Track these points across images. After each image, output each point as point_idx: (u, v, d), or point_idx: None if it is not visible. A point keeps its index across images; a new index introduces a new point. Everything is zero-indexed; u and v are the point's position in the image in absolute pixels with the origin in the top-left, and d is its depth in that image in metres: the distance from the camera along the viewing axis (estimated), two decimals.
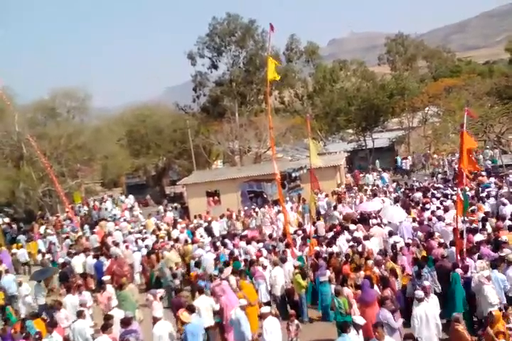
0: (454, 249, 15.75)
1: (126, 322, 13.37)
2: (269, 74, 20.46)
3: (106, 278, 18.11)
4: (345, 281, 15.30)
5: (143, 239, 25.34)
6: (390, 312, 12.30)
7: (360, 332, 11.96)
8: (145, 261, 22.12)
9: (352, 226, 21.22)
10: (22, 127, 38.00)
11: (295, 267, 16.83)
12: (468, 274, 14.12)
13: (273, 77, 20.50)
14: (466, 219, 16.87)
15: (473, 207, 21.58)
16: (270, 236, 22.56)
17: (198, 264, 19.30)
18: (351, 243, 18.80)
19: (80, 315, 14.64)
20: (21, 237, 30.87)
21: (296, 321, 14.06)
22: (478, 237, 16.98)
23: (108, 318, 14.04)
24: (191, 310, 13.77)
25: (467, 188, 23.31)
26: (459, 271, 13.92)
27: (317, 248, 18.61)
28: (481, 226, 18.42)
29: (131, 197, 42.00)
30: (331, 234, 20.95)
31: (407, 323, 12.65)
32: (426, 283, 12.95)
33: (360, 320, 11.60)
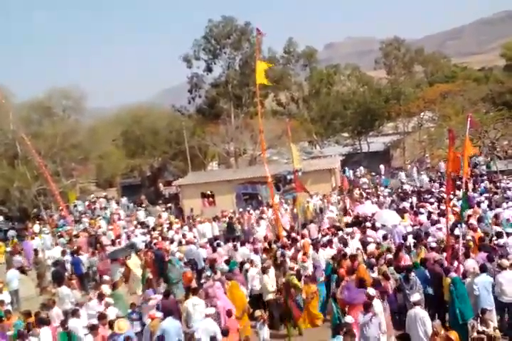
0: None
1: (111, 324, 13.37)
2: (258, 79, 20.57)
3: (106, 277, 18.32)
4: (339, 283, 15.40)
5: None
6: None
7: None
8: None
9: (348, 229, 21.29)
10: (17, 126, 37.82)
11: (291, 269, 16.87)
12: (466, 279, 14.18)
13: (262, 81, 20.60)
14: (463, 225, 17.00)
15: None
16: (265, 238, 22.48)
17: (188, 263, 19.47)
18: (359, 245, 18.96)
19: (74, 313, 14.63)
20: (11, 233, 30.93)
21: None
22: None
23: (101, 318, 14.07)
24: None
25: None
26: (453, 274, 13.93)
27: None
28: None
29: (124, 199, 41.95)
30: (327, 237, 20.98)
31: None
32: None
33: (349, 319, 11.71)
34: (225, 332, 12.92)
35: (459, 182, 21.03)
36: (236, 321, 14.26)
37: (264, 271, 16.55)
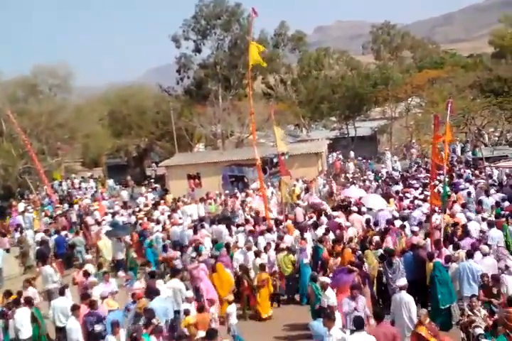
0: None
1: (92, 304, 13.37)
2: (250, 60, 20.44)
3: (88, 256, 18.29)
4: (325, 266, 15.51)
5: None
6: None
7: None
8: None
9: (334, 213, 21.39)
10: (2, 103, 37.49)
11: (286, 249, 17.03)
12: (448, 264, 14.29)
13: (255, 61, 20.49)
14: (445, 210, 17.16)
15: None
16: (247, 221, 22.47)
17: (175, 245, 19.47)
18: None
19: (61, 292, 14.64)
20: None
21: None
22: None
23: (84, 298, 14.07)
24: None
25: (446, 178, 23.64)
26: (437, 260, 14.05)
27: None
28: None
29: (111, 181, 41.75)
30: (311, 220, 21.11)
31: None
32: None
33: (331, 301, 11.82)
34: (200, 309, 13.11)
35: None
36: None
37: (257, 254, 16.75)
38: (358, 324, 10.47)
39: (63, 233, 23.32)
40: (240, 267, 16.60)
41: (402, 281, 12.67)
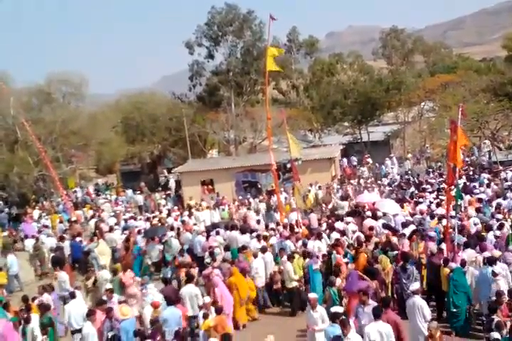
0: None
1: (108, 310, 13.43)
2: (268, 65, 20.52)
3: (103, 262, 18.47)
4: (337, 271, 15.46)
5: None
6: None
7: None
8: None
9: (348, 219, 21.38)
10: (17, 111, 37.81)
11: (293, 253, 17.06)
12: (464, 269, 14.22)
13: (272, 67, 20.58)
14: (459, 214, 17.07)
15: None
16: (258, 222, 22.51)
17: (188, 251, 19.60)
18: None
19: (73, 295, 14.77)
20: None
21: None
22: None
23: (100, 303, 14.17)
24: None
25: (460, 182, 23.57)
26: (453, 265, 13.99)
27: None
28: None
29: (129, 191, 41.64)
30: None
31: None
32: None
33: (339, 308, 11.83)
34: (219, 311, 13.30)
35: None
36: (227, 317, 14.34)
37: (289, 258, 16.68)
38: (376, 313, 11.03)
39: (78, 239, 23.50)
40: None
41: (415, 286, 12.72)
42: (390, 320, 11.13)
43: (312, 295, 12.93)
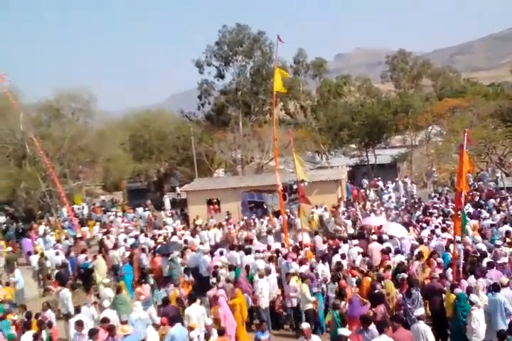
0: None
1: (110, 328, 13.42)
2: (275, 86, 20.64)
3: (106, 280, 18.47)
4: (342, 294, 15.39)
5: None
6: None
7: None
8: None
9: (354, 241, 21.33)
10: (26, 126, 38.03)
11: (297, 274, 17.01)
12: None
13: (280, 89, 20.69)
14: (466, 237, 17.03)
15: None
16: (269, 247, 22.47)
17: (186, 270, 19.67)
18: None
19: (78, 310, 14.77)
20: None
21: None
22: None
23: (104, 321, 14.13)
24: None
25: (466, 207, 23.54)
26: (458, 290, 13.89)
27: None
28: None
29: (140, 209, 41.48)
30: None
31: None
32: None
33: (345, 331, 11.76)
34: (221, 332, 13.32)
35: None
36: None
37: (303, 280, 16.62)
38: (380, 328, 11.22)
39: (83, 256, 23.46)
40: None
41: (420, 311, 12.68)
42: (407, 337, 11.43)
43: (305, 325, 12.64)
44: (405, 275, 15.79)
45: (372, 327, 12.16)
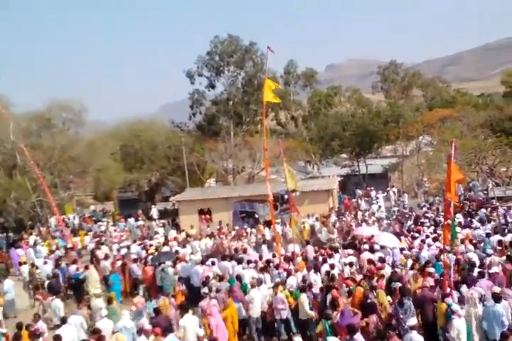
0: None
1: (100, 338, 13.32)
2: (265, 96, 20.66)
3: (97, 291, 18.39)
4: (334, 304, 15.32)
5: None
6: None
7: None
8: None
9: (346, 251, 21.34)
10: (16, 136, 37.86)
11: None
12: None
13: (270, 99, 20.71)
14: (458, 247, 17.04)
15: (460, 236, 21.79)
16: (260, 257, 22.41)
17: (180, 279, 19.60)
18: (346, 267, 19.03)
19: (64, 321, 14.65)
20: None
21: None
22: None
23: (96, 332, 14.01)
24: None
25: (457, 216, 23.62)
26: (450, 300, 13.85)
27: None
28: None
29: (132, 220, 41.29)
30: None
31: None
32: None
33: (334, 340, 11.74)
34: None
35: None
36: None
37: (302, 290, 16.56)
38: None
39: (74, 267, 23.29)
40: None
41: (413, 321, 12.66)
42: None
43: (298, 339, 12.70)
44: (399, 285, 15.76)
45: (358, 336, 12.15)
